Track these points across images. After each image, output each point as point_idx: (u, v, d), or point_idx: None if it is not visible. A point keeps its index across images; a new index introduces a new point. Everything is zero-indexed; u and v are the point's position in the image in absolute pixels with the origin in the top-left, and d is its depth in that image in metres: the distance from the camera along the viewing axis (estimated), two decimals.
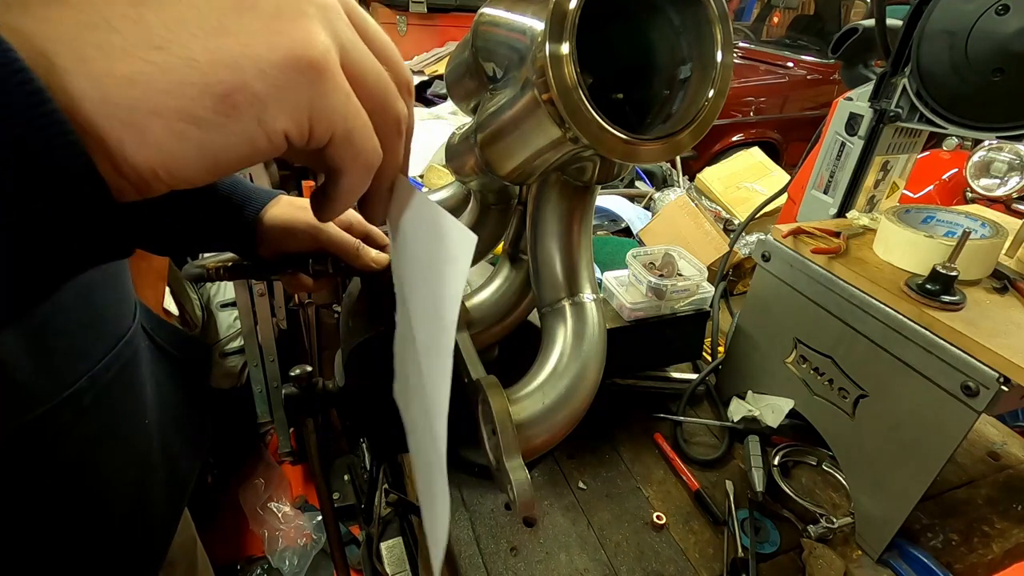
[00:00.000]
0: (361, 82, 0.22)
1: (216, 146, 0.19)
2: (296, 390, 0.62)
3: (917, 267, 0.60)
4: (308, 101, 0.20)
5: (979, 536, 0.65)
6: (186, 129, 0.18)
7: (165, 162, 0.18)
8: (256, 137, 0.20)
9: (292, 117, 0.20)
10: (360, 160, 0.23)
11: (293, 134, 0.20)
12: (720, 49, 0.33)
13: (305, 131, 0.21)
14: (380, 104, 0.23)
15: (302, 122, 0.20)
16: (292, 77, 0.19)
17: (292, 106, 0.20)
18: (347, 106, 0.21)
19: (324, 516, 0.70)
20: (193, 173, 0.19)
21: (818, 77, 3.27)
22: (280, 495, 1.73)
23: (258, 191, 0.56)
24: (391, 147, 0.25)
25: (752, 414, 0.75)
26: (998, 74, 0.58)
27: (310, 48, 0.20)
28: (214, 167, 0.20)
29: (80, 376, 0.35)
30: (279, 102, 0.19)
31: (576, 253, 0.44)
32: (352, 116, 0.22)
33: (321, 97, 0.20)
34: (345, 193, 0.24)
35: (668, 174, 1.50)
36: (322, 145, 0.22)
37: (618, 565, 0.60)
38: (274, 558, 1.57)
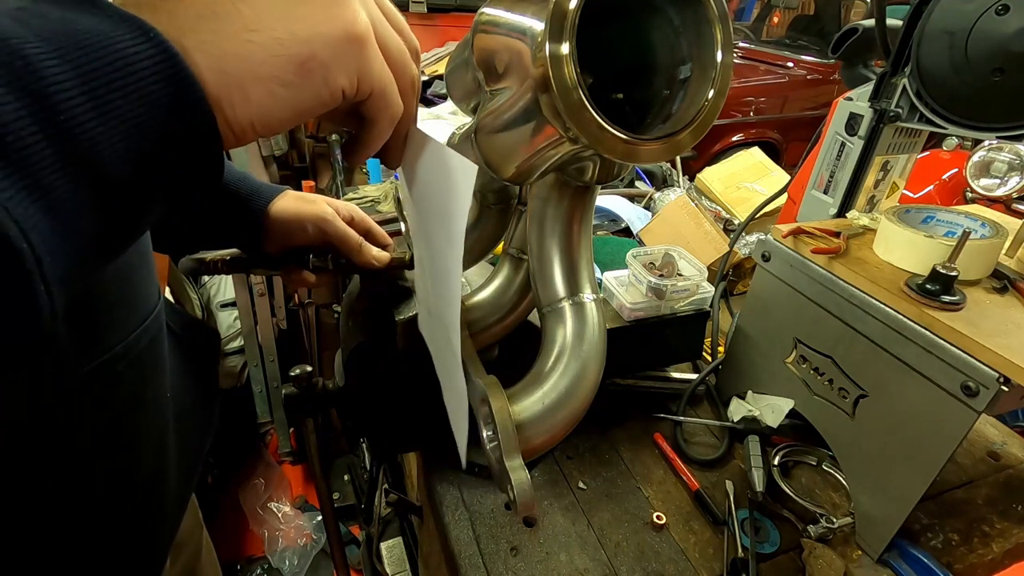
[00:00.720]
0: (387, 51, 0.29)
1: (296, 101, 0.25)
2: (296, 390, 0.62)
3: (917, 267, 0.60)
4: (357, 64, 0.27)
5: (979, 536, 0.65)
6: (276, 90, 0.25)
7: (260, 115, 0.25)
8: (323, 92, 0.26)
9: (347, 77, 0.26)
10: (388, 112, 0.30)
11: (347, 90, 0.27)
12: (720, 49, 0.33)
13: (355, 87, 0.27)
14: (401, 68, 0.30)
15: (353, 80, 0.27)
16: (346, 47, 0.26)
17: (347, 69, 0.26)
18: (382, 68, 0.28)
19: (324, 516, 0.70)
20: (278, 123, 0.26)
21: (818, 77, 3.27)
22: (280, 495, 1.73)
23: (265, 186, 0.57)
24: (408, 102, 0.31)
25: (752, 414, 0.75)
26: (998, 74, 0.58)
27: (357, 25, 0.26)
28: (296, 117, 0.26)
29: (117, 343, 0.38)
30: (338, 66, 0.26)
31: (576, 253, 0.44)
32: (385, 76, 0.28)
33: (366, 61, 0.27)
34: (375, 138, 0.31)
35: (668, 174, 1.50)
36: (364, 99, 0.28)
37: (618, 565, 0.60)
38: (274, 558, 1.57)
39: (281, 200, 0.56)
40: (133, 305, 0.41)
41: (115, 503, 0.43)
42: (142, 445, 0.44)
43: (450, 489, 0.67)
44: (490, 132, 0.39)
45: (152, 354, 0.44)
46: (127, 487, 0.43)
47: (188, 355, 0.54)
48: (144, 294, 0.43)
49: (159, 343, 0.45)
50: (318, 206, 0.56)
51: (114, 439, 0.41)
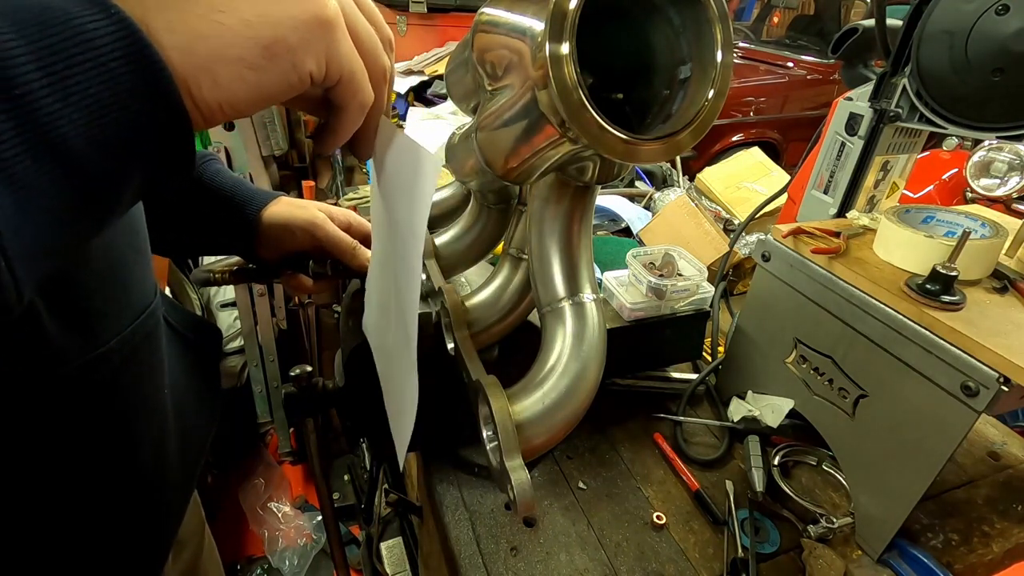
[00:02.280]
0: (357, 38, 0.29)
1: (263, 84, 0.25)
2: (296, 390, 0.62)
3: (917, 267, 0.60)
4: (325, 48, 0.27)
5: (979, 536, 0.65)
6: (244, 72, 0.25)
7: (228, 98, 0.25)
8: (291, 76, 0.26)
9: (315, 60, 0.26)
10: (357, 98, 0.29)
11: (315, 73, 0.27)
12: (720, 49, 0.33)
13: (323, 71, 0.27)
14: (371, 55, 0.30)
15: (322, 64, 0.27)
16: (315, 31, 0.26)
17: (315, 52, 0.26)
18: (351, 54, 0.28)
19: (324, 516, 0.70)
20: (246, 106, 0.26)
21: (818, 77, 3.27)
22: (280, 495, 1.73)
23: (259, 192, 0.58)
24: (379, 92, 0.31)
25: (752, 414, 0.75)
26: (998, 74, 0.58)
27: (326, 9, 0.26)
28: (261, 100, 0.26)
29: (111, 338, 0.39)
30: (307, 50, 0.26)
31: (576, 253, 0.44)
32: (355, 62, 0.28)
33: (334, 45, 0.27)
34: (344, 125, 0.31)
35: (668, 174, 1.50)
36: (333, 84, 0.28)
37: (618, 565, 0.60)
38: (274, 558, 1.57)
39: (274, 206, 0.56)
40: (127, 300, 0.41)
41: (113, 498, 0.43)
42: (140, 440, 0.44)
43: (450, 489, 0.67)
44: (490, 132, 0.39)
45: (149, 350, 0.44)
46: (125, 482, 0.43)
47: (189, 352, 0.54)
48: (139, 290, 0.43)
49: (156, 339, 0.45)
50: (308, 211, 0.56)
51: (111, 434, 0.41)
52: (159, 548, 0.50)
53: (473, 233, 0.59)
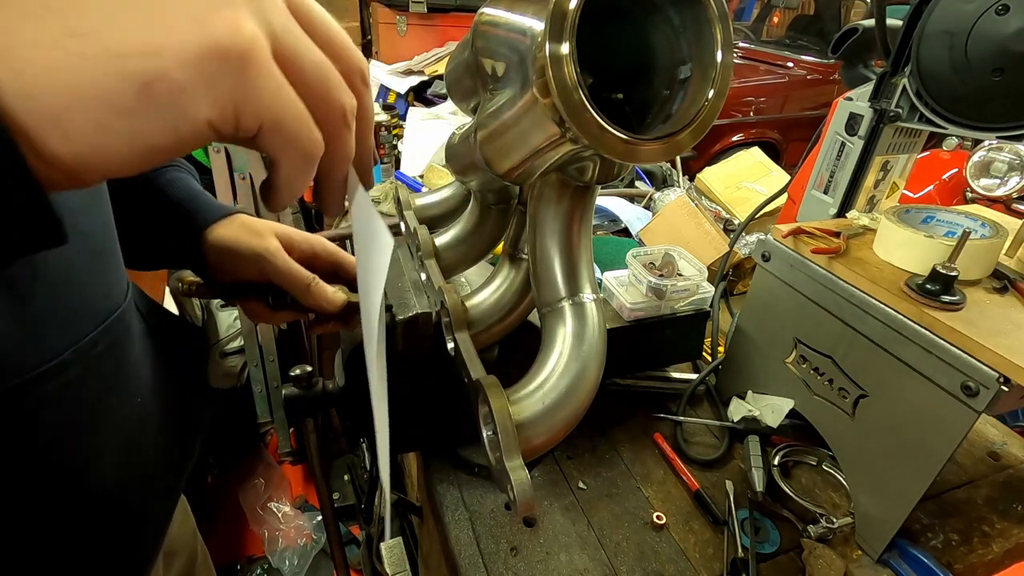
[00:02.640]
0: (297, 71, 0.22)
1: (141, 135, 0.19)
2: (296, 390, 0.62)
3: (917, 267, 0.60)
4: (232, 90, 0.20)
5: (979, 536, 0.65)
6: (109, 119, 0.18)
7: (89, 152, 0.19)
8: (179, 126, 0.20)
9: (216, 106, 0.20)
10: (293, 150, 0.23)
11: (218, 123, 0.20)
12: (720, 49, 0.33)
13: (230, 120, 0.21)
14: (320, 93, 0.23)
15: (226, 111, 0.20)
16: (215, 66, 0.19)
17: (216, 95, 0.20)
18: (276, 96, 0.21)
19: (324, 516, 0.70)
20: (117, 162, 0.20)
21: (818, 77, 3.27)
22: (280, 495, 1.73)
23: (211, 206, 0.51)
24: (336, 137, 0.24)
25: (752, 414, 0.75)
26: (998, 74, 0.58)
27: (234, 36, 0.20)
28: (142, 157, 0.20)
29: (65, 349, 0.35)
30: (201, 92, 0.19)
31: (576, 253, 0.44)
32: (282, 106, 0.21)
33: (246, 86, 0.20)
34: (284, 182, 0.24)
35: (668, 174, 1.50)
36: (251, 135, 0.22)
37: (618, 565, 0.60)
38: (274, 558, 1.57)
39: (223, 227, 0.49)
40: (85, 309, 0.38)
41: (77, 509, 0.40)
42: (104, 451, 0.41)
43: (450, 489, 0.67)
44: (490, 132, 0.39)
45: (114, 358, 0.41)
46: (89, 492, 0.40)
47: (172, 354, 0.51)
48: (101, 294, 0.40)
49: (124, 345, 0.42)
50: (260, 240, 0.49)
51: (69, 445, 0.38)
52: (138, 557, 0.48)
53: (473, 233, 0.59)
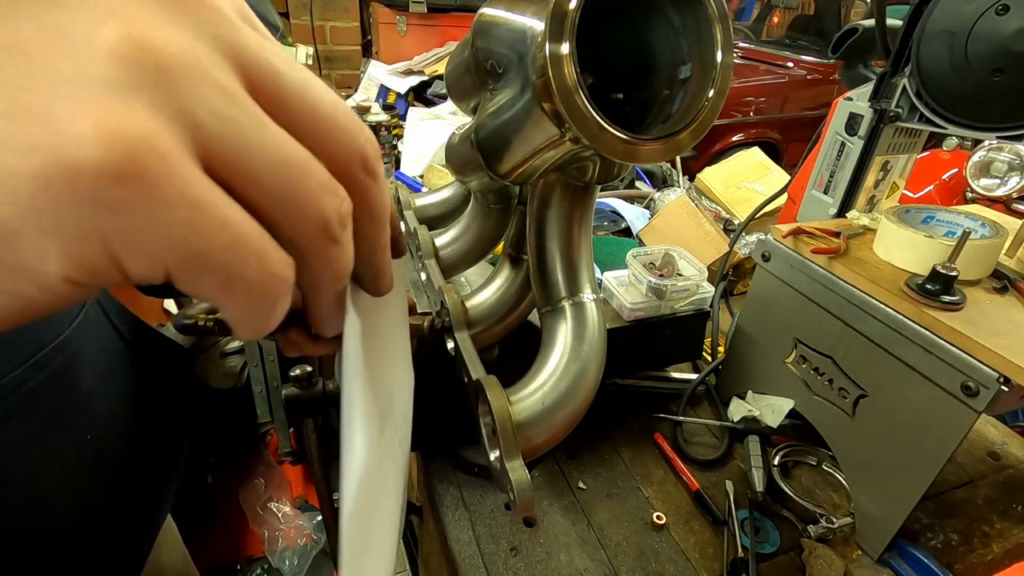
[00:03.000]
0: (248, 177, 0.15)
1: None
2: (296, 390, 0.62)
3: (917, 267, 0.60)
4: (100, 228, 0.13)
5: (979, 536, 0.65)
6: None
7: None
8: (18, 288, 0.13)
9: (74, 254, 0.13)
10: (235, 294, 0.15)
11: (80, 276, 0.13)
12: (720, 49, 0.33)
13: (104, 269, 0.13)
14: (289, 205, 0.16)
15: (92, 258, 0.13)
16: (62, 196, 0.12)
17: (69, 239, 0.13)
18: (191, 224, 0.13)
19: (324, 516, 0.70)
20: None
21: (818, 77, 3.27)
22: (280, 495, 1.73)
23: None
24: (317, 259, 0.17)
25: (752, 414, 0.75)
26: (998, 74, 0.58)
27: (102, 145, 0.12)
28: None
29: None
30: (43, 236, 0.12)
31: (576, 253, 0.44)
32: (202, 235, 0.14)
33: (127, 218, 0.13)
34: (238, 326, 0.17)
35: (668, 174, 1.50)
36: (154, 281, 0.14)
37: (618, 565, 0.60)
38: (274, 558, 1.57)
39: None
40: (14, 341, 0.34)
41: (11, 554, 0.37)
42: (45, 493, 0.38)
43: (450, 489, 0.67)
44: (490, 132, 0.39)
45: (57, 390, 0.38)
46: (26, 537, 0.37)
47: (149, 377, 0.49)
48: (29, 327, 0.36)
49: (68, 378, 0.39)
50: None
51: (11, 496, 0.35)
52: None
53: (473, 233, 0.59)
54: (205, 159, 0.14)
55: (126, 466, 0.45)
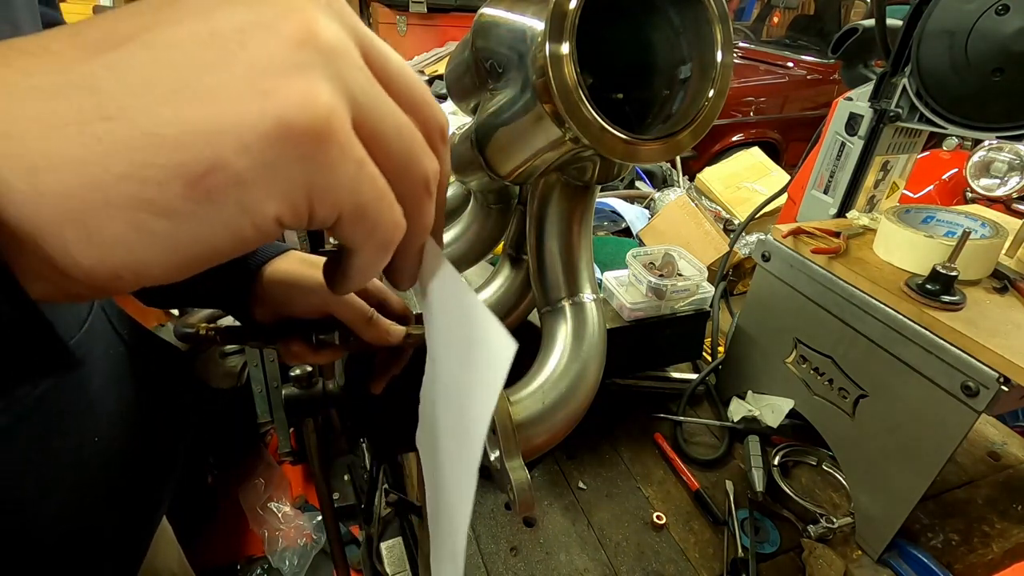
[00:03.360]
0: (380, 141, 0.18)
1: (188, 238, 0.16)
2: (296, 390, 0.62)
3: (917, 267, 0.60)
4: (305, 178, 0.16)
5: (979, 536, 0.65)
6: (149, 221, 0.15)
7: (125, 261, 0.15)
8: (240, 226, 0.16)
9: (285, 199, 0.16)
10: (375, 238, 0.19)
11: (287, 218, 0.17)
12: (720, 49, 0.33)
13: (303, 214, 0.17)
14: (404, 164, 0.19)
15: (298, 203, 0.17)
16: (284, 151, 0.16)
17: (284, 186, 0.16)
18: (358, 178, 0.17)
19: (324, 516, 0.70)
20: (161, 272, 0.16)
21: (818, 77, 3.27)
22: (280, 495, 1.73)
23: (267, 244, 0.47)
24: (418, 211, 0.21)
25: (752, 414, 0.75)
26: (998, 74, 0.58)
27: (308, 110, 0.16)
28: (188, 263, 0.16)
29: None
30: (268, 182, 0.16)
31: (576, 253, 0.44)
32: (365, 188, 0.18)
33: (323, 172, 0.16)
34: (360, 271, 0.21)
35: (668, 174, 1.50)
36: (327, 226, 0.18)
37: (618, 565, 0.60)
38: (274, 558, 1.57)
39: (281, 261, 0.47)
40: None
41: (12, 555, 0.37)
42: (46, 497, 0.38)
43: None
44: (490, 132, 0.39)
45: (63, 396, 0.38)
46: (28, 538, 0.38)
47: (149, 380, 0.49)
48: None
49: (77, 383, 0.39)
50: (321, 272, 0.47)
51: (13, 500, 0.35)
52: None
53: (473, 233, 0.59)
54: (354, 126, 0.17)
55: (128, 466, 0.46)
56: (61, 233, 0.14)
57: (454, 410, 0.24)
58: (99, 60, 0.15)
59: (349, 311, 0.45)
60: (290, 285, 0.46)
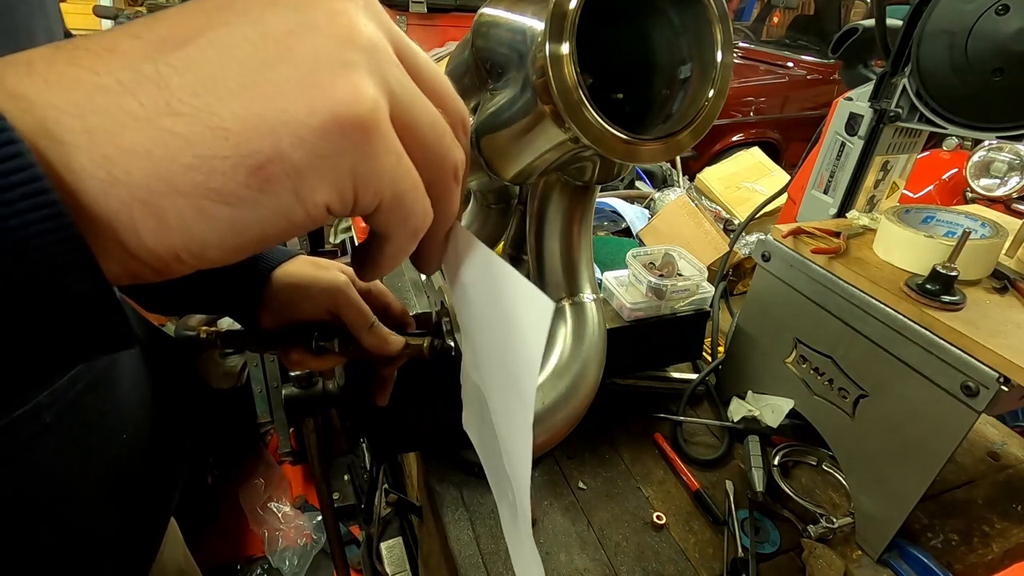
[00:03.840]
0: (414, 133, 0.19)
1: (247, 223, 0.17)
2: (296, 390, 0.62)
3: (917, 267, 0.60)
4: (352, 167, 0.18)
5: (979, 536, 0.65)
6: (213, 207, 0.16)
7: (188, 244, 0.17)
8: (293, 211, 0.18)
9: (334, 187, 0.18)
10: (409, 225, 0.21)
11: (335, 205, 0.18)
12: (720, 49, 0.33)
13: (349, 200, 0.18)
14: (435, 154, 0.21)
15: (345, 191, 0.18)
16: (335, 142, 0.17)
17: (334, 175, 0.18)
18: (397, 168, 0.19)
19: (324, 516, 0.70)
20: (220, 254, 0.17)
21: (818, 77, 3.27)
22: (280, 495, 1.73)
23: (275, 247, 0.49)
24: (447, 198, 0.22)
25: (752, 414, 0.75)
26: (998, 74, 0.58)
27: (356, 105, 0.17)
28: (245, 246, 0.18)
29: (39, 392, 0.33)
30: (320, 171, 0.17)
31: (576, 253, 0.44)
32: (403, 178, 0.19)
33: (368, 161, 0.18)
34: (391, 257, 0.22)
35: (668, 174, 1.50)
36: (368, 212, 0.20)
37: (618, 565, 0.60)
38: (274, 558, 1.57)
39: (290, 264, 0.48)
40: None
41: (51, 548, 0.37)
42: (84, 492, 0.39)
43: (450, 489, 0.67)
44: (490, 132, 0.39)
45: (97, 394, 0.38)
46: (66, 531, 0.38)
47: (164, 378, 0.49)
48: None
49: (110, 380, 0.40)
50: (331, 273, 0.48)
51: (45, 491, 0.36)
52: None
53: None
54: (392, 118, 0.19)
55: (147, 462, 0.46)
56: (132, 217, 0.16)
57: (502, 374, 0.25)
58: (164, 59, 0.16)
59: (355, 314, 0.46)
60: (299, 287, 0.46)
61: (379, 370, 0.50)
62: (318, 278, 0.46)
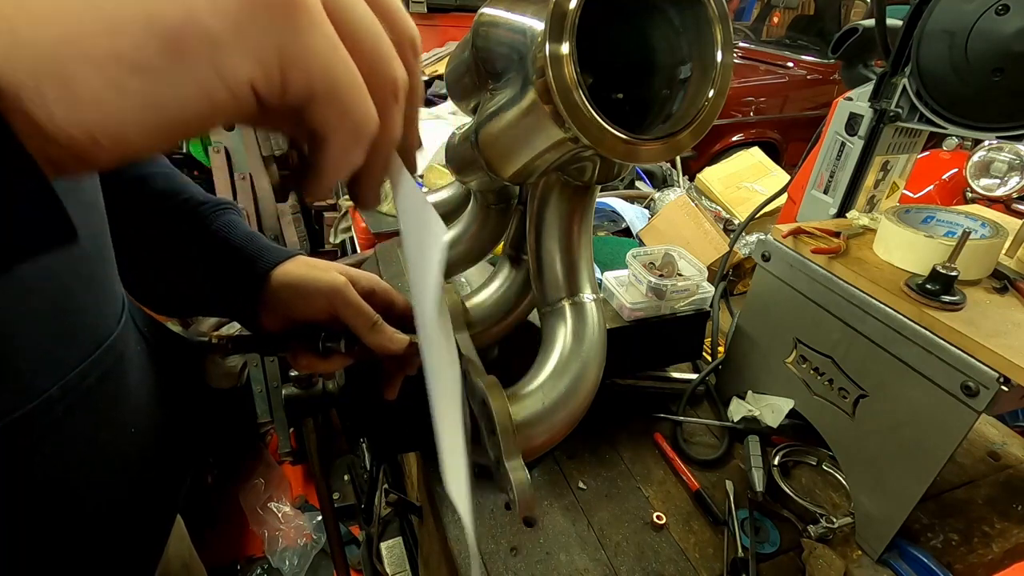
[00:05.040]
0: (348, 31, 0.19)
1: (164, 99, 0.16)
2: (296, 390, 0.62)
3: (917, 267, 0.60)
4: (278, 42, 0.17)
5: (979, 536, 0.65)
6: (125, 78, 0.15)
7: (102, 121, 0.15)
8: (213, 88, 0.16)
9: (259, 63, 0.17)
10: (348, 122, 0.19)
11: (260, 84, 0.17)
12: (720, 49, 0.33)
13: (276, 80, 0.17)
14: (371, 61, 0.20)
15: (271, 69, 0.17)
16: (256, 13, 0.16)
17: (258, 50, 0.17)
18: (330, 53, 0.18)
19: (324, 516, 0.70)
20: (138, 135, 0.16)
21: (818, 77, 3.27)
22: (280, 495, 1.73)
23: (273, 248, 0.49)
24: (385, 114, 0.21)
25: (752, 414, 0.75)
26: (998, 74, 0.58)
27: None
28: (165, 127, 0.16)
29: (50, 386, 0.33)
30: (241, 45, 0.16)
31: (576, 253, 0.44)
32: (337, 69, 0.18)
33: (295, 37, 0.17)
34: (331, 163, 0.21)
35: (668, 174, 1.50)
36: (300, 100, 0.18)
37: (618, 565, 0.60)
38: (274, 558, 1.57)
39: (289, 264, 0.48)
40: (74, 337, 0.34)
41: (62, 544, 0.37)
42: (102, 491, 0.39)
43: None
44: (490, 132, 0.39)
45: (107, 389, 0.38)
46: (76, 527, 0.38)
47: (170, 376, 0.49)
48: (91, 321, 0.36)
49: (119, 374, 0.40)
50: (329, 274, 0.47)
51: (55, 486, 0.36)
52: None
53: (473, 233, 0.59)
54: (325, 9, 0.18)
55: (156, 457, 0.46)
56: (39, 87, 0.14)
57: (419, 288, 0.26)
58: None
59: (354, 314, 0.45)
60: (297, 288, 0.46)
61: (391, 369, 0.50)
62: (316, 279, 0.46)
